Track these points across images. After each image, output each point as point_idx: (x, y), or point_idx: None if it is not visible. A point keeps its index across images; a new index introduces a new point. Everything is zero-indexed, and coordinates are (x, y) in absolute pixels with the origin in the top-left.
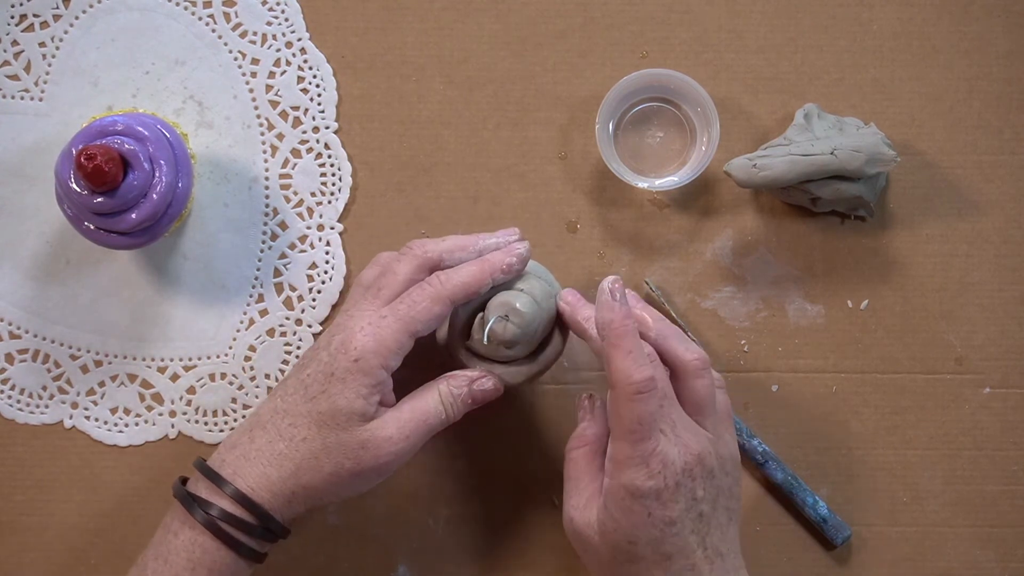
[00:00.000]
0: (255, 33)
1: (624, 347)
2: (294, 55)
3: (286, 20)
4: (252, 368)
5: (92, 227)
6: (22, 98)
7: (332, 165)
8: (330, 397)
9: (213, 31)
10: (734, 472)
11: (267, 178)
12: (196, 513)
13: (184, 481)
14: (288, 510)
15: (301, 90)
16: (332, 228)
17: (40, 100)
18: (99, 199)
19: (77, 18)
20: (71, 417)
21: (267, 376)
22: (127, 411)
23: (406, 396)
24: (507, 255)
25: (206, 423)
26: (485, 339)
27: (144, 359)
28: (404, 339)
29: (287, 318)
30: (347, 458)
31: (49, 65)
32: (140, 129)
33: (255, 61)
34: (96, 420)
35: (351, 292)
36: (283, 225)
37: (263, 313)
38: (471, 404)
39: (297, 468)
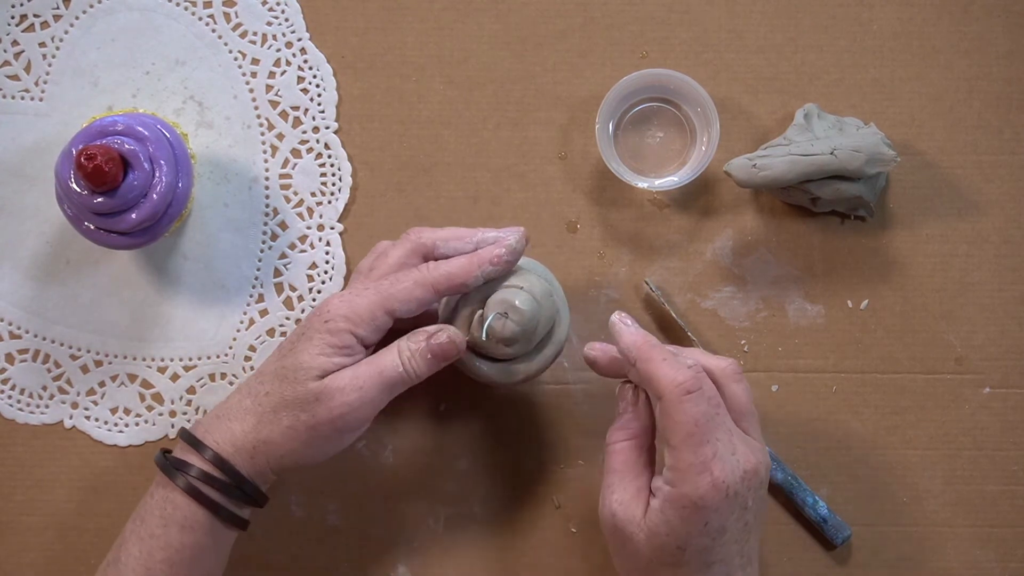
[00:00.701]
0: (255, 33)
1: (657, 356)
2: (294, 55)
3: (286, 20)
4: (252, 368)
5: (92, 227)
6: (22, 98)
7: (332, 165)
8: (295, 354)
9: (213, 31)
10: (767, 479)
11: (267, 178)
12: (169, 472)
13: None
14: (252, 466)
15: (301, 90)
16: (332, 228)
17: (40, 100)
18: (99, 199)
19: (77, 18)
20: (71, 417)
21: None
22: (127, 411)
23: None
24: (497, 247)
25: None
26: (483, 336)
27: (144, 359)
28: (378, 312)
29: (287, 318)
30: (303, 411)
31: (49, 65)
32: (140, 129)
33: (255, 61)
34: (96, 420)
35: (350, 280)
36: (283, 225)
37: (263, 313)
38: (431, 360)
39: (258, 422)
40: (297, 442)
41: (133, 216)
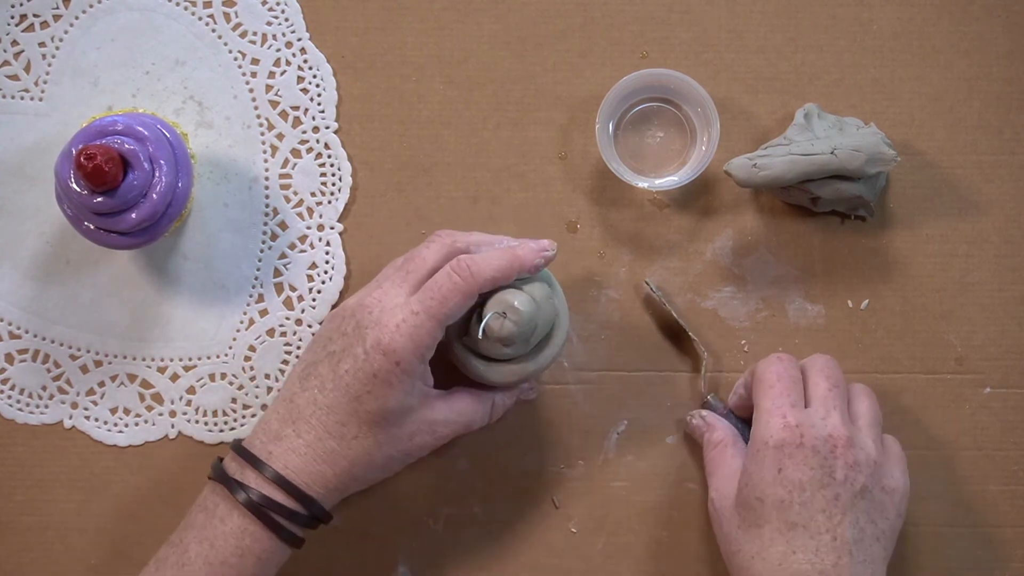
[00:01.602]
0: (255, 33)
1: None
2: (294, 55)
3: (286, 20)
4: (252, 368)
5: (92, 227)
6: (22, 98)
7: (332, 165)
8: (377, 399)
9: (213, 31)
10: (899, 505)
11: (267, 178)
12: (247, 502)
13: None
14: (335, 499)
15: (301, 90)
16: (332, 228)
17: (40, 100)
18: (99, 199)
19: (77, 18)
20: (71, 417)
21: (267, 376)
22: (127, 411)
23: (462, 387)
24: (536, 255)
25: (206, 423)
26: (480, 334)
27: (144, 359)
28: (438, 333)
29: (287, 318)
30: (399, 451)
31: (49, 65)
32: (140, 129)
33: (255, 61)
34: (96, 420)
35: (384, 270)
36: (283, 225)
37: (263, 313)
38: (511, 407)
39: (351, 465)
40: (386, 472)
41: (133, 216)
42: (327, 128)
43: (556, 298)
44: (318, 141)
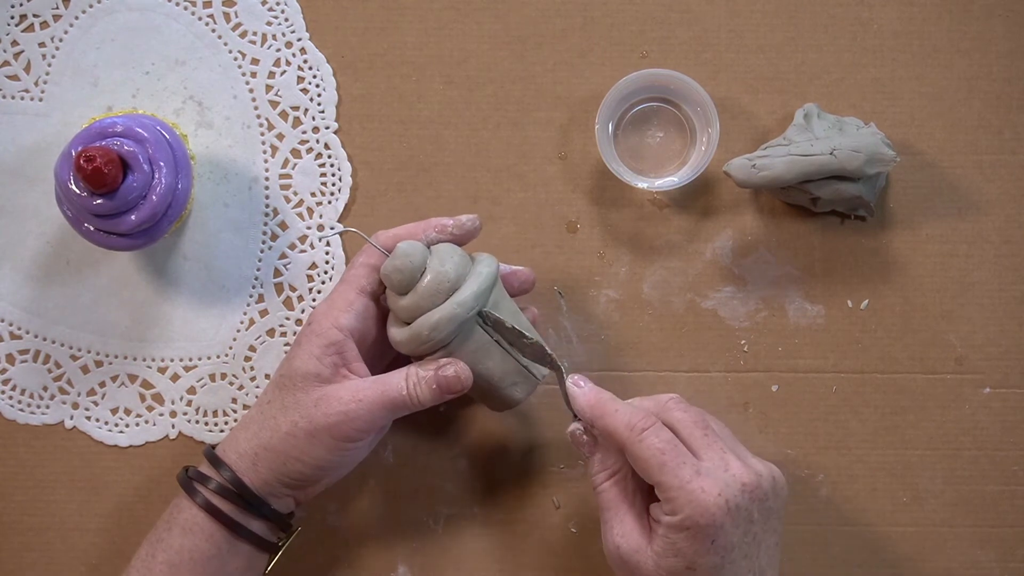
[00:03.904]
0: (255, 33)
1: (608, 410)
2: (294, 55)
3: (286, 20)
4: (252, 368)
5: (92, 228)
6: (22, 98)
7: (332, 165)
8: (290, 361)
9: (213, 31)
10: (782, 493)
11: (267, 178)
12: (181, 479)
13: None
14: (256, 475)
15: (301, 90)
16: (332, 228)
17: (40, 100)
18: (99, 201)
19: (77, 18)
20: (72, 417)
21: (267, 376)
22: (128, 411)
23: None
24: (447, 219)
25: (206, 423)
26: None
27: (144, 359)
28: (351, 295)
29: (287, 318)
30: (301, 416)
31: (49, 65)
32: (139, 131)
33: (255, 61)
34: (97, 420)
35: None
36: (283, 225)
37: (263, 313)
38: (436, 390)
39: (259, 428)
40: (296, 449)
41: (133, 218)
42: (327, 128)
43: (481, 276)
44: (318, 141)
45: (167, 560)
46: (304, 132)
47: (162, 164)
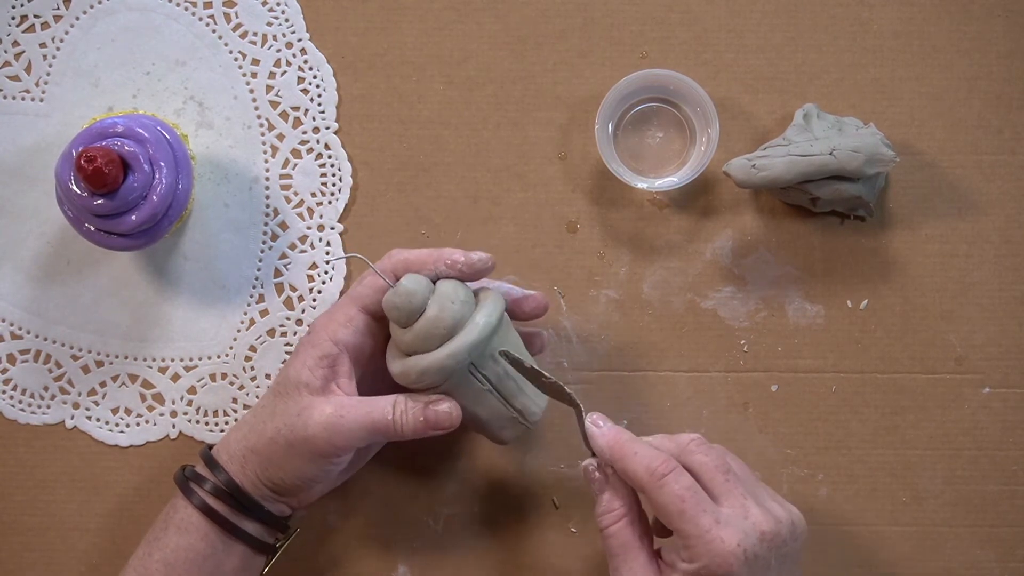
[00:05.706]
0: (255, 33)
1: (628, 452)
2: (294, 55)
3: (286, 20)
4: (253, 368)
5: (92, 229)
6: (23, 99)
7: (332, 165)
8: (286, 367)
9: (213, 31)
10: (801, 536)
11: (267, 178)
12: (177, 477)
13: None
14: (244, 476)
15: (301, 90)
16: (332, 228)
17: (41, 101)
18: (99, 201)
19: (78, 19)
20: (72, 417)
21: (267, 376)
22: (128, 411)
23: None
24: (460, 254)
25: (207, 423)
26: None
27: (145, 359)
28: (352, 311)
29: (287, 318)
30: (285, 424)
31: (50, 66)
32: (140, 131)
33: (255, 61)
34: (97, 420)
35: None
36: (283, 225)
37: (264, 313)
38: (423, 423)
39: (249, 431)
40: (277, 456)
41: (133, 218)
42: (327, 128)
43: (487, 315)
44: (318, 141)
45: (163, 559)
46: (304, 132)
47: (163, 164)
